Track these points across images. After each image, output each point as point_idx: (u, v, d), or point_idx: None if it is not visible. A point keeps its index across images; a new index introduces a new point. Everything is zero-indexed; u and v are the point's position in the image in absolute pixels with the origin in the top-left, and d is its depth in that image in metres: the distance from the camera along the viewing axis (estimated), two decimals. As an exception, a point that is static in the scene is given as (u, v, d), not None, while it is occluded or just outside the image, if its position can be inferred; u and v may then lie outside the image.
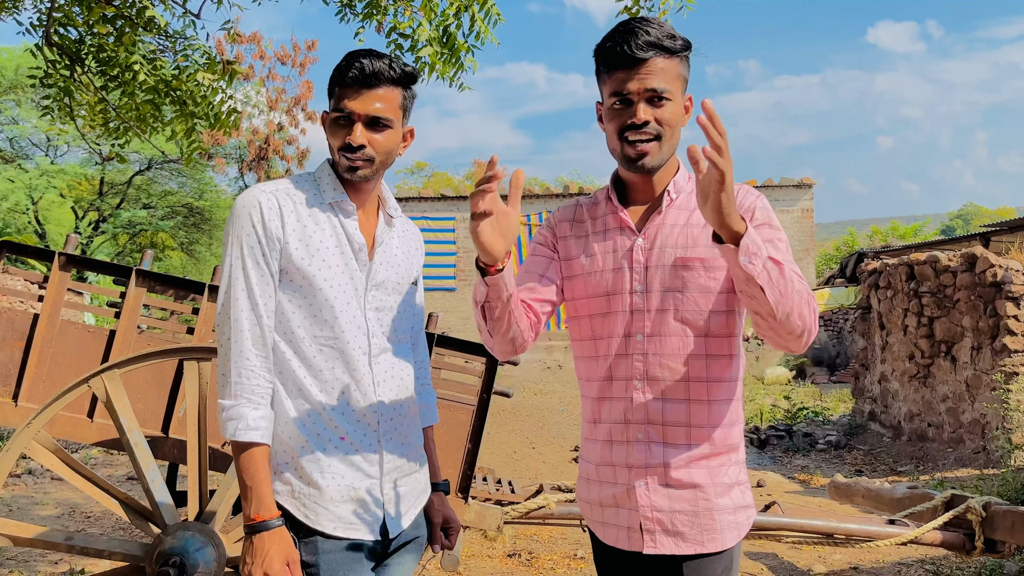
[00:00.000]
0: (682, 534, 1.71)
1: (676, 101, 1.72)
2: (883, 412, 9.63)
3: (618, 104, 1.72)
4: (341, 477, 1.77)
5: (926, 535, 3.56)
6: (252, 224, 1.75)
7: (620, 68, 1.70)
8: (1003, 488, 5.65)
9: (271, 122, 23.23)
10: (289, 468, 1.77)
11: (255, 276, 1.74)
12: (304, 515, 1.75)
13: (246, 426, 1.69)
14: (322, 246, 1.79)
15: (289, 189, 1.82)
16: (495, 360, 3.29)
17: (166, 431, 3.16)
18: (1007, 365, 7.44)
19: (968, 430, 8.01)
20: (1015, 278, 7.52)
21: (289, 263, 1.76)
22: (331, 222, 1.82)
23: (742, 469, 1.79)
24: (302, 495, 1.75)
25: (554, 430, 9.99)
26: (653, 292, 1.74)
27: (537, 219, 17.06)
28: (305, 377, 1.77)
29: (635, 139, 1.70)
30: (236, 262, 1.75)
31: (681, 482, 1.72)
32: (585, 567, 4.96)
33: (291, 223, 1.77)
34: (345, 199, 1.83)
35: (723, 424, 1.74)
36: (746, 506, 1.77)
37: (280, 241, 1.75)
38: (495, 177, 1.52)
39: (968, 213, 58.42)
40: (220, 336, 1.76)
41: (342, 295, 1.79)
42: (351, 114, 1.76)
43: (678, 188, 1.79)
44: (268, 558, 1.65)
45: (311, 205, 1.81)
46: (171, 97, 4.47)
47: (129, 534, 5.44)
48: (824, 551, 5.08)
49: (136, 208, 25.84)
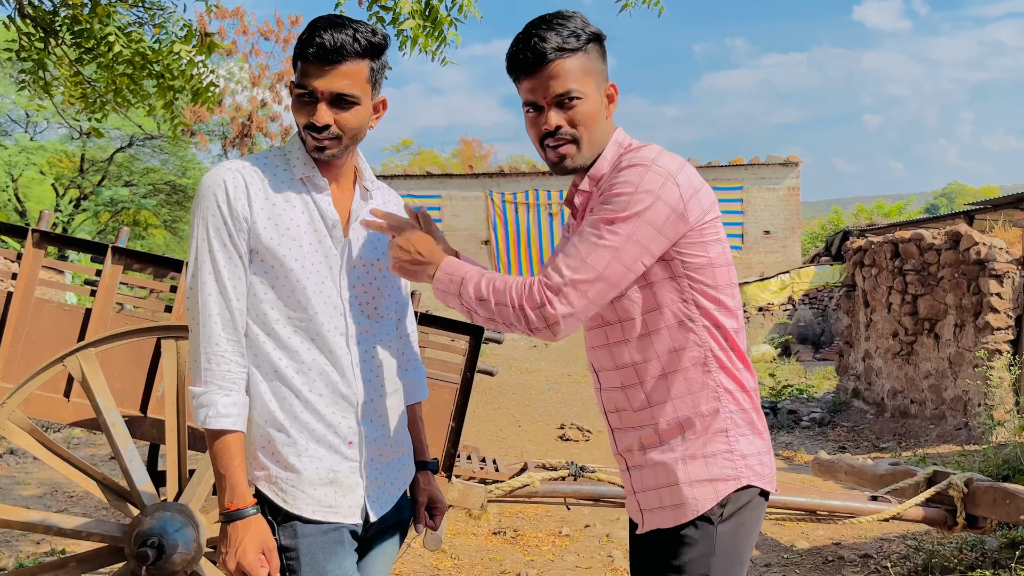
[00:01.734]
0: (655, 510, 1.76)
1: (590, 98, 1.71)
2: (867, 389, 9.69)
3: (531, 112, 1.74)
4: (320, 460, 1.73)
5: (908, 511, 3.59)
6: (217, 204, 1.68)
7: (525, 76, 1.71)
8: (984, 464, 5.71)
9: (254, 98, 22.96)
10: (266, 452, 1.73)
11: (222, 258, 1.68)
12: (282, 499, 1.71)
13: (216, 413, 1.65)
14: (292, 224, 1.72)
15: (256, 166, 1.74)
16: (479, 338, 3.27)
17: (144, 411, 3.12)
18: (989, 342, 7.49)
19: (950, 407, 8.08)
20: (998, 256, 7.55)
21: (258, 243, 1.70)
22: (302, 199, 1.75)
23: (710, 441, 1.70)
24: (279, 479, 1.71)
25: (540, 408, 10.00)
26: None
27: (524, 197, 17.00)
28: (281, 359, 1.72)
29: (553, 144, 1.73)
30: (202, 244, 1.69)
31: (646, 462, 1.76)
32: (570, 544, 4.98)
33: (259, 201, 1.70)
34: (316, 174, 1.76)
35: (668, 399, 1.71)
36: (710, 479, 1.69)
37: (247, 221, 1.69)
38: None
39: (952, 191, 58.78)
40: (190, 321, 1.71)
41: (315, 274, 1.73)
42: (314, 91, 1.66)
43: (593, 179, 1.76)
44: (242, 547, 1.63)
45: (281, 181, 1.74)
46: (149, 70, 4.38)
47: (111, 515, 5.41)
48: (807, 527, 5.12)
49: (118, 186, 25.53)
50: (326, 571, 1.70)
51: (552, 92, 1.69)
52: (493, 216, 17.01)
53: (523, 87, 1.74)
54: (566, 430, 8.55)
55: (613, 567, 4.50)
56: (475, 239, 17.00)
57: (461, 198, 17.05)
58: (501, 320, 1.67)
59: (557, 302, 1.62)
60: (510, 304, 1.64)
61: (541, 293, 1.63)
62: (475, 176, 17.20)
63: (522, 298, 1.64)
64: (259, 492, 1.74)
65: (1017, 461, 5.53)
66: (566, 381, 12.32)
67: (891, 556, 4.51)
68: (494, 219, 17.02)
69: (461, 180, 17.18)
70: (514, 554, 4.80)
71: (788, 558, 4.65)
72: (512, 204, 17.02)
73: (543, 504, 4.10)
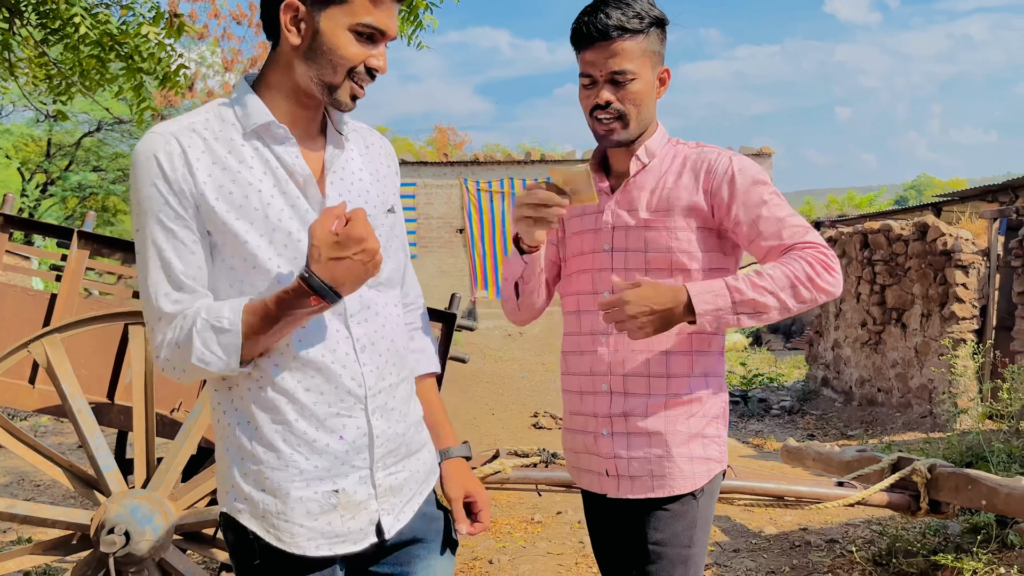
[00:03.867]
0: (636, 478, 1.80)
1: (643, 78, 1.76)
2: (835, 378, 9.83)
3: (586, 83, 1.79)
4: (319, 481, 1.39)
5: (873, 497, 3.64)
6: (152, 181, 1.33)
7: (586, 48, 1.76)
8: (948, 451, 5.82)
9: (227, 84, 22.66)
10: (248, 478, 1.39)
11: (170, 247, 1.34)
12: (276, 537, 1.39)
13: (219, 315, 1.32)
14: (252, 191, 1.36)
15: (195, 123, 1.38)
16: (452, 325, 3.27)
17: (112, 398, 3.09)
18: (954, 332, 7.63)
19: (916, 395, 8.22)
20: (964, 247, 7.68)
21: (212, 223, 1.35)
22: (261, 155, 1.38)
23: (710, 423, 1.82)
24: (268, 513, 1.39)
25: (514, 396, 10.03)
26: (619, 252, 1.82)
27: (499, 185, 16.98)
28: (266, 360, 1.38)
29: (600, 117, 1.78)
30: (142, 233, 1.35)
31: (640, 430, 1.79)
32: (541, 530, 5.01)
33: (203, 167, 1.34)
34: (274, 121, 1.38)
35: (685, 374, 1.79)
36: (706, 459, 1.81)
37: (193, 194, 1.34)
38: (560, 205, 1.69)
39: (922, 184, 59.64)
40: (150, 333, 1.40)
41: (290, 247, 1.37)
42: (385, 33, 1.39)
43: (650, 152, 1.84)
44: (347, 239, 1.27)
45: (230, 138, 1.38)
46: (116, 52, 4.30)
47: (79, 503, 5.35)
48: (775, 513, 5.19)
49: (86, 171, 25.11)
50: None
51: (608, 69, 1.74)
52: (468, 204, 16.96)
53: (582, 58, 1.78)
54: (539, 418, 8.59)
55: (584, 553, 4.54)
56: (449, 227, 16.96)
57: (436, 186, 16.99)
58: (797, 303, 1.67)
59: (833, 260, 1.70)
60: (800, 283, 1.67)
61: (821, 261, 1.68)
62: (450, 164, 17.13)
63: (808, 274, 1.67)
64: (241, 529, 1.41)
65: (980, 448, 5.64)
66: (540, 370, 12.36)
67: (856, 541, 4.59)
68: (469, 208, 16.97)
69: (436, 168, 17.11)
70: (486, 541, 4.82)
71: (756, 543, 4.72)
72: (487, 193, 16.99)
73: (515, 491, 4.11)
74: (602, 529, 1.93)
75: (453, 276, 16.57)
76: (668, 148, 1.86)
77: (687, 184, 1.79)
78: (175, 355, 1.35)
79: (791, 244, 1.71)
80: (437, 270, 16.69)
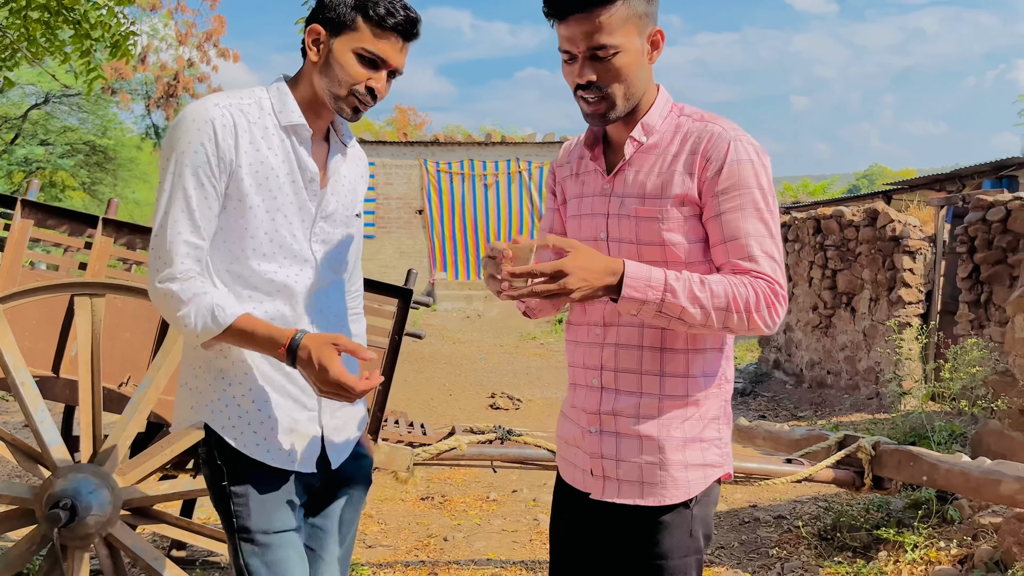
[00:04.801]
0: (623, 483, 1.67)
1: (629, 49, 1.57)
2: (787, 361, 10.03)
3: (566, 59, 1.61)
4: (280, 408, 1.73)
5: (820, 473, 3.74)
6: (202, 142, 1.61)
7: (560, 22, 1.58)
8: (892, 432, 5.99)
9: (180, 57, 22.14)
10: (226, 397, 1.72)
11: (198, 197, 1.62)
12: (243, 444, 1.70)
13: (222, 308, 1.60)
14: (272, 174, 1.69)
15: (243, 106, 1.68)
16: (408, 302, 3.25)
17: (57, 371, 3.02)
18: (901, 316, 7.83)
19: (863, 377, 8.43)
20: (912, 233, 7.87)
21: (237, 190, 1.65)
22: (284, 147, 1.71)
23: (707, 426, 1.68)
24: (241, 424, 1.71)
25: (471, 378, 10.05)
26: (613, 241, 1.67)
27: (459, 167, 16.90)
28: (244, 307, 1.69)
29: (584, 96, 1.61)
30: (178, 180, 1.61)
31: (632, 433, 1.66)
32: (496, 508, 5.04)
33: (244, 144, 1.65)
34: (304, 125, 1.72)
35: (680, 374, 1.65)
36: (703, 464, 1.66)
37: (232, 164, 1.64)
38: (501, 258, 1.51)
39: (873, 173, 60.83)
40: (155, 261, 1.63)
41: (286, 226, 1.71)
42: (386, 61, 1.69)
43: (648, 130, 1.66)
44: (320, 363, 1.57)
45: (265, 126, 1.69)
46: (65, 17, 4.17)
47: (27, 480, 5.23)
48: (725, 490, 5.29)
49: (33, 144, 24.35)
50: (272, 520, 1.70)
51: (587, 44, 1.55)
52: (428, 185, 16.86)
53: (558, 32, 1.60)
54: (496, 399, 8.62)
55: (539, 530, 4.58)
56: (408, 208, 16.85)
57: (395, 166, 16.84)
58: (721, 326, 1.55)
59: (781, 302, 1.57)
60: (736, 310, 1.53)
61: (768, 297, 1.55)
62: (409, 144, 17.00)
63: (749, 304, 1.54)
64: (214, 435, 1.71)
65: (923, 428, 5.81)
66: (498, 351, 12.39)
67: (803, 517, 4.70)
68: (428, 188, 16.87)
69: (395, 148, 16.96)
70: (441, 519, 4.84)
71: (707, 520, 4.81)
72: (447, 174, 16.90)
73: (470, 468, 4.13)
74: (573, 525, 1.80)
75: (412, 257, 16.49)
76: (670, 121, 1.66)
77: (681, 169, 1.60)
78: (171, 298, 1.60)
79: (748, 268, 1.56)
80: (396, 251, 16.59)
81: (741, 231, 1.56)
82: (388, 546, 4.33)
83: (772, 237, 1.58)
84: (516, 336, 13.88)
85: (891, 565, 3.73)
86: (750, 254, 1.56)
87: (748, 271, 1.56)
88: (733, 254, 1.57)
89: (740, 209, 1.56)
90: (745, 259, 1.56)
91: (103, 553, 2.52)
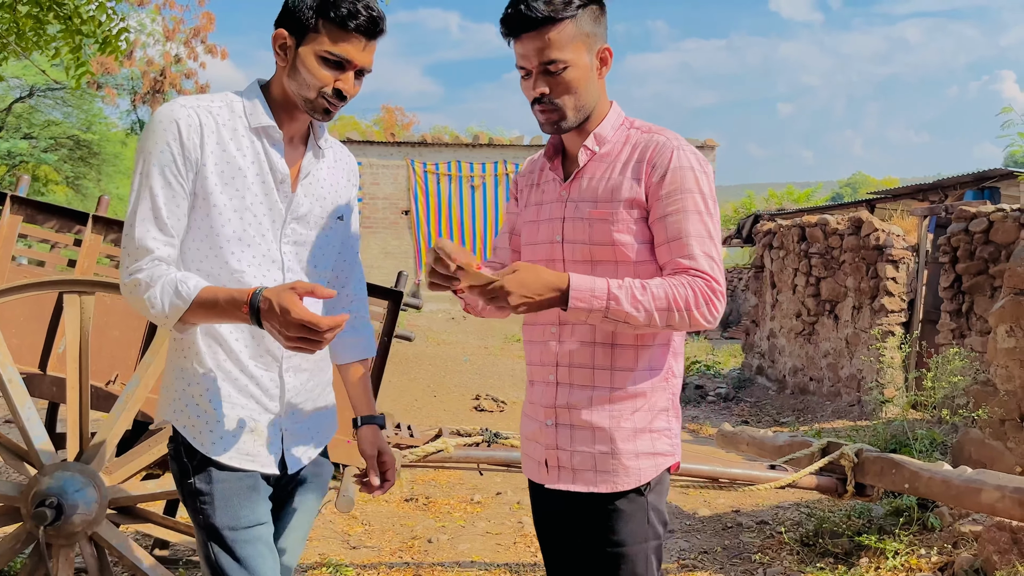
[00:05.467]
0: (578, 471, 1.78)
1: (578, 64, 1.72)
2: (770, 367, 10.10)
3: (523, 75, 1.76)
4: (241, 408, 1.72)
5: (803, 479, 3.77)
6: (167, 141, 1.62)
7: (515, 40, 1.73)
8: (874, 439, 6.04)
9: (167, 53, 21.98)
10: (186, 396, 1.72)
11: (165, 195, 1.62)
12: (200, 443, 1.70)
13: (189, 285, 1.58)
14: (239, 174, 1.69)
15: (212, 107, 1.69)
16: (398, 303, 3.26)
17: (44, 368, 3.00)
18: (884, 324, 7.91)
19: (845, 384, 8.50)
20: (896, 242, 7.95)
21: (202, 188, 1.66)
22: (254, 148, 1.71)
23: (657, 417, 1.80)
24: (199, 424, 1.70)
25: (456, 379, 10.04)
26: (569, 243, 1.80)
27: (446, 168, 16.89)
28: None
29: (540, 110, 1.76)
30: (145, 180, 1.63)
31: (585, 423, 1.78)
32: (481, 511, 5.05)
33: (210, 144, 1.66)
34: (273, 126, 1.72)
35: (630, 368, 1.77)
36: (654, 453, 1.78)
37: (197, 163, 1.64)
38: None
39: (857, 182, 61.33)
40: (125, 258, 1.64)
41: (255, 226, 1.70)
42: (350, 62, 1.68)
43: (600, 140, 1.81)
44: (280, 306, 1.51)
45: (235, 128, 1.70)
46: (55, 13, 4.14)
47: (10, 475, 5.18)
48: (709, 495, 5.33)
49: (16, 138, 24.10)
50: (239, 516, 1.70)
51: (539, 59, 1.70)
52: (414, 185, 16.84)
53: (514, 49, 1.75)
54: (481, 400, 8.62)
55: (523, 532, 4.59)
56: (395, 208, 16.82)
57: (382, 166, 16.81)
58: (664, 325, 1.67)
59: (718, 297, 1.69)
60: (676, 309, 1.66)
61: (706, 294, 1.67)
62: (396, 144, 16.96)
63: (688, 302, 1.66)
64: (177, 435, 1.73)
65: (904, 436, 5.87)
66: (483, 353, 12.39)
67: (785, 522, 4.74)
68: (415, 188, 16.85)
69: (382, 148, 16.92)
70: (425, 520, 4.84)
71: (691, 524, 4.84)
72: (434, 175, 16.88)
73: (456, 470, 4.13)
74: (546, 518, 1.91)
75: (397, 257, 16.45)
76: (621, 133, 1.82)
77: (630, 176, 1.75)
78: (138, 286, 1.60)
79: (688, 266, 1.69)
80: (381, 251, 16.55)
81: (683, 231, 1.70)
82: (372, 547, 4.33)
83: (711, 238, 1.72)
84: (501, 338, 13.89)
85: (872, 571, 3.77)
86: (690, 253, 1.69)
87: (688, 268, 1.69)
88: (675, 252, 1.71)
89: (682, 212, 1.70)
90: (686, 257, 1.70)
91: (88, 552, 2.50)
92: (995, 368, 4.45)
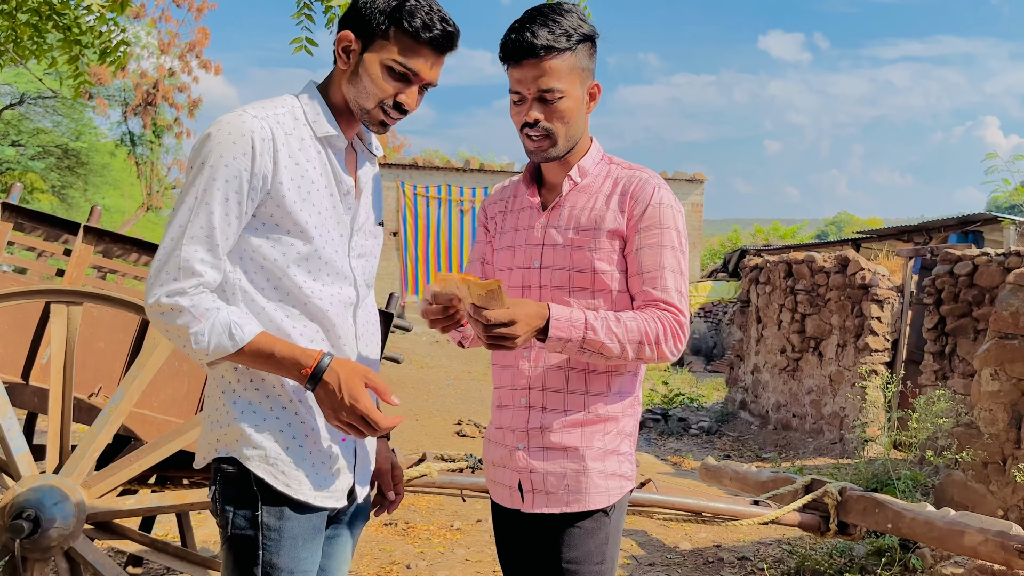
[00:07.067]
0: (551, 493, 1.82)
1: (572, 96, 1.78)
2: (753, 401, 10.11)
3: (516, 100, 1.81)
4: (322, 441, 1.61)
5: (786, 516, 3.76)
6: (238, 155, 1.49)
7: (514, 66, 1.77)
8: (855, 477, 6.05)
9: (161, 66, 22.01)
10: (262, 430, 1.57)
11: (221, 215, 1.49)
12: (284, 483, 1.56)
13: (240, 326, 1.48)
14: (313, 188, 1.58)
15: (279, 116, 1.56)
16: (388, 325, 3.24)
17: (27, 378, 2.95)
18: (868, 363, 7.95)
19: (828, 422, 8.52)
20: (881, 282, 8.02)
21: (279, 206, 1.53)
22: (321, 159, 1.60)
23: (623, 441, 1.86)
24: (279, 461, 1.57)
25: (439, 403, 9.99)
26: (547, 269, 1.84)
27: (436, 191, 16.94)
28: (294, 328, 1.57)
29: (529, 135, 1.80)
30: (205, 194, 1.49)
31: (556, 445, 1.82)
32: (460, 537, 4.99)
33: (283, 159, 1.54)
34: (339, 135, 1.62)
35: (602, 393, 1.83)
36: (620, 475, 1.84)
37: (268, 181, 1.52)
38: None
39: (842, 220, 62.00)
40: (163, 275, 1.50)
41: (330, 243, 1.60)
42: (418, 75, 1.60)
43: (583, 172, 1.87)
44: (351, 395, 1.48)
45: (301, 137, 1.58)
46: (55, 22, 4.13)
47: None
48: (690, 529, 5.30)
49: (4, 144, 23.98)
50: (300, 559, 1.59)
51: (536, 87, 1.75)
52: (404, 208, 16.87)
53: (511, 75, 1.79)
54: (463, 426, 8.57)
55: (503, 561, 4.54)
56: (383, 230, 16.82)
57: (372, 187, 16.83)
58: (635, 357, 1.74)
59: (684, 332, 1.77)
60: (647, 343, 1.73)
61: (673, 328, 1.76)
62: (387, 166, 17.00)
63: (658, 336, 1.74)
64: (247, 473, 1.56)
65: (886, 475, 5.88)
66: (466, 378, 12.34)
67: (767, 559, 4.72)
68: (404, 211, 16.88)
69: (373, 169, 16.95)
70: (404, 546, 4.78)
71: (671, 558, 4.80)
72: (424, 197, 16.93)
73: (436, 495, 4.09)
74: (511, 544, 1.93)
75: (384, 279, 16.43)
76: (601, 167, 1.89)
77: (614, 207, 1.81)
78: (181, 313, 1.48)
79: (659, 298, 1.77)
80: (368, 272, 16.52)
81: (658, 264, 1.78)
82: (350, 572, 4.27)
83: (681, 273, 1.82)
84: (484, 363, 13.85)
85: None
86: (663, 286, 1.78)
87: (658, 301, 1.78)
88: (648, 284, 1.79)
89: (658, 246, 1.79)
90: (658, 289, 1.78)
91: (63, 567, 2.45)
92: (979, 411, 4.48)
